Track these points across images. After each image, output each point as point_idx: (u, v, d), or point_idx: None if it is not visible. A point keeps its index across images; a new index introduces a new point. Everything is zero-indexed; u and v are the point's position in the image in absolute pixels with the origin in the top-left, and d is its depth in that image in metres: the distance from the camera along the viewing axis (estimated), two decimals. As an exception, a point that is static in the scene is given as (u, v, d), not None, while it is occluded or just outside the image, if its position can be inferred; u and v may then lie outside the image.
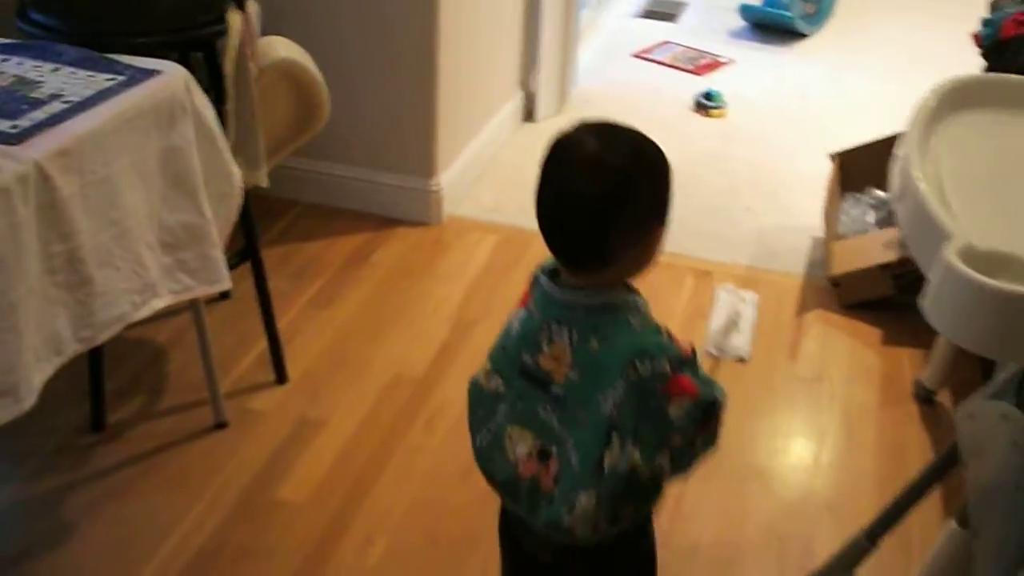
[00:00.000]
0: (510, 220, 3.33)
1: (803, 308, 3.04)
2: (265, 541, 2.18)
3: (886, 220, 3.17)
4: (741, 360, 2.78)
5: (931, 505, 2.26)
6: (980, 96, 1.56)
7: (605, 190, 1.34)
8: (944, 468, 1.90)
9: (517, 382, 1.47)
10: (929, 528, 2.21)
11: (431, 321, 2.88)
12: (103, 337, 1.94)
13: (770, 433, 2.58)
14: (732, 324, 2.90)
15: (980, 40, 2.83)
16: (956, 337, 1.12)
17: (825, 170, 3.44)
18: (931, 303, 1.14)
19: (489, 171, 3.63)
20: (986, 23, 2.81)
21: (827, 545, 2.21)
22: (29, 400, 1.75)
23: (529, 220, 1.46)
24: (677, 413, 1.37)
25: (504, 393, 1.49)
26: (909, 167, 1.27)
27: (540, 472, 1.45)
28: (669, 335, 1.39)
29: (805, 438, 2.58)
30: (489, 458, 1.52)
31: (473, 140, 3.53)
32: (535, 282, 1.46)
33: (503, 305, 2.89)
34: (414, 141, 3.22)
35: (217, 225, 2.16)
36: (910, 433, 2.60)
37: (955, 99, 1.53)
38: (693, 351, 1.40)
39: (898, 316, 2.98)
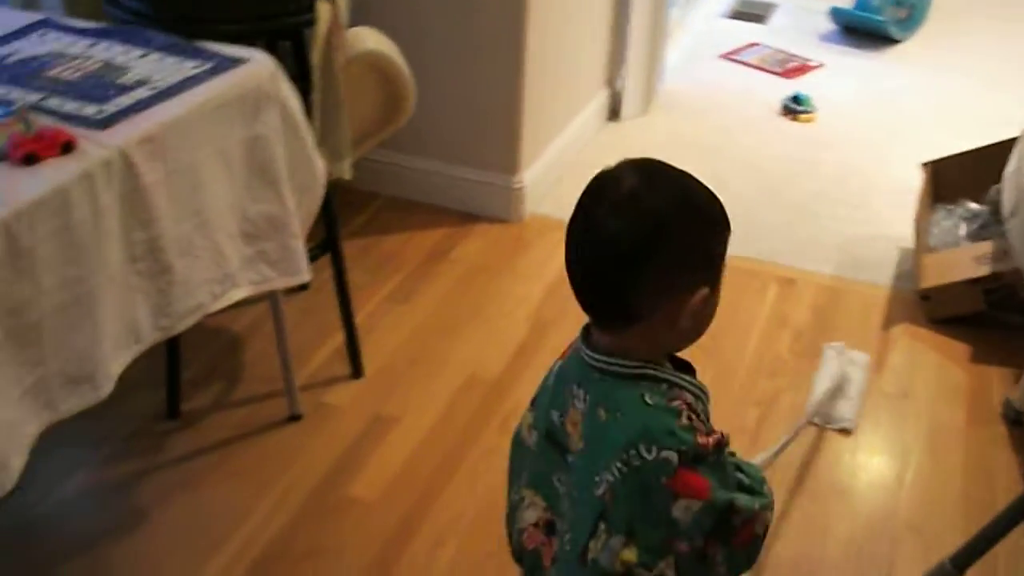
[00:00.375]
0: (592, 220, 3.28)
1: (889, 321, 2.96)
2: (335, 539, 2.16)
3: (978, 233, 3.07)
4: (846, 431, 2.54)
5: (1019, 533, 2.18)
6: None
7: (635, 232, 1.18)
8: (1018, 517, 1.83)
9: (541, 443, 1.33)
10: (1017, 557, 2.14)
11: (508, 320, 2.84)
12: (181, 326, 1.92)
13: (853, 449, 2.50)
14: (839, 390, 2.62)
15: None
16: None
17: (916, 179, 3.35)
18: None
19: (573, 170, 3.58)
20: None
21: (908, 566, 2.16)
22: (106, 388, 1.75)
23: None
24: (682, 515, 1.18)
25: (532, 451, 1.35)
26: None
27: (543, 547, 1.33)
28: (691, 420, 1.19)
29: (889, 456, 2.50)
30: (510, 512, 1.40)
31: (557, 138, 3.48)
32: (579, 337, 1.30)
33: (576, 309, 2.85)
34: (498, 137, 3.19)
35: (299, 216, 2.14)
36: (998, 455, 2.52)
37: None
38: (719, 444, 1.20)
39: (988, 333, 2.90)
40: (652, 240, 1.17)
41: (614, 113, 3.98)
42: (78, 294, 1.64)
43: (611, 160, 1.27)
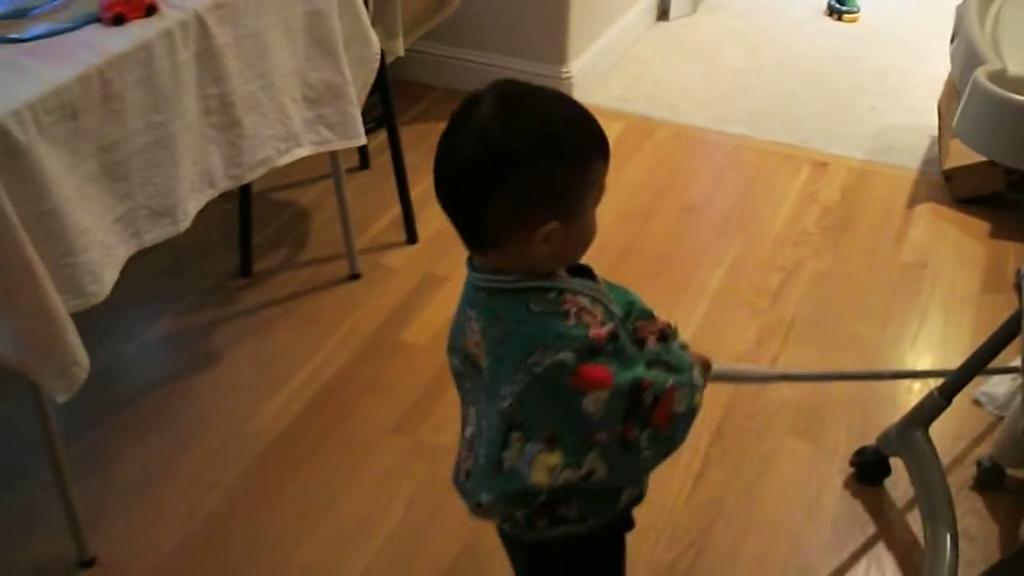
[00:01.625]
0: (637, 109, 3.47)
1: (914, 200, 3.13)
2: (388, 376, 2.42)
3: (1005, 119, 3.22)
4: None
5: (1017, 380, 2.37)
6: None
7: (479, 165, 1.17)
8: (1013, 330, 2.01)
9: (463, 366, 1.32)
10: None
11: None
12: (250, 177, 2.17)
13: (867, 312, 2.69)
14: None
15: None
16: (981, 149, 1.26)
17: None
18: (959, 119, 1.28)
19: (620, 64, 3.77)
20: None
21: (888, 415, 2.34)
22: (184, 223, 2.00)
23: (656, 109, 1.51)
24: (593, 408, 1.20)
25: (462, 372, 1.33)
26: (966, 10, 1.40)
27: (464, 461, 1.34)
28: (581, 317, 1.21)
29: (903, 319, 2.68)
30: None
31: (606, 32, 3.67)
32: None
33: (619, 186, 3.06)
34: (547, 28, 3.39)
35: (356, 86, 2.37)
36: (1008, 317, 2.69)
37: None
38: (612, 333, 1.22)
39: (1008, 212, 3.06)
40: (495, 175, 1.16)
41: (663, 13, 4.14)
42: (160, 137, 1.89)
43: (659, 56, 1.36)
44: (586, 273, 1.29)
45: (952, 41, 1.43)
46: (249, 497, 2.12)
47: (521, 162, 1.15)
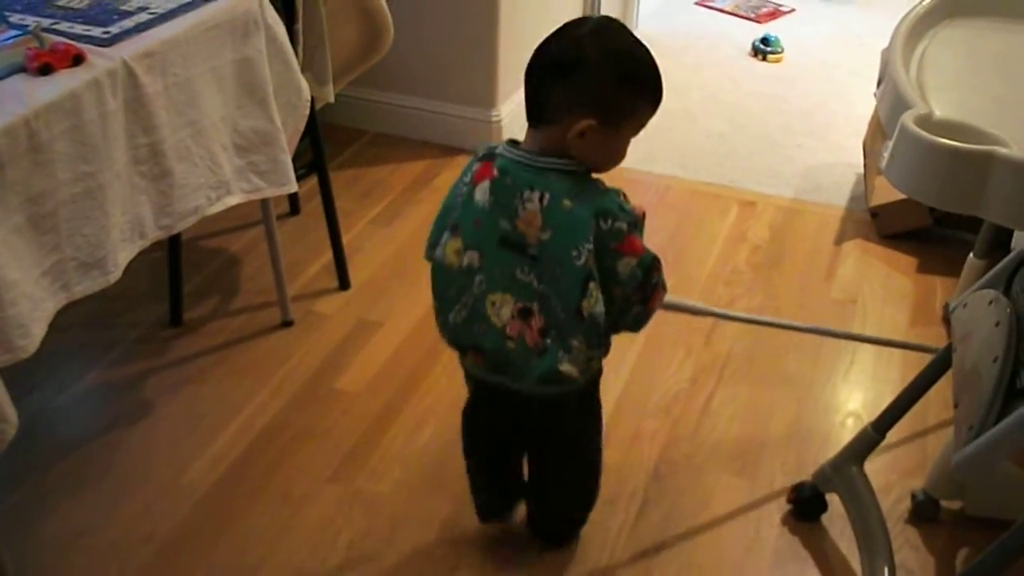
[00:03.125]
0: (566, 152, 3.50)
1: (842, 237, 3.18)
2: (323, 424, 2.39)
3: (927, 156, 3.28)
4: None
5: (948, 412, 2.41)
6: (976, 5, 1.69)
7: (560, 59, 1.57)
8: (945, 363, 2.04)
9: (495, 251, 1.65)
10: (945, 435, 2.36)
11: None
12: (181, 226, 2.15)
13: (800, 348, 2.71)
14: None
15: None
16: (910, 192, 1.28)
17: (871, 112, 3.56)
18: (888, 162, 1.30)
19: (549, 107, 3.80)
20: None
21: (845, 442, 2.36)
22: (115, 274, 1.97)
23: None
24: (624, 270, 1.60)
25: (479, 266, 1.67)
26: (893, 52, 1.42)
27: (524, 330, 1.65)
28: (626, 198, 1.64)
29: (834, 355, 2.71)
30: (468, 331, 1.72)
31: (534, 76, 3.69)
32: (491, 157, 1.67)
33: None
34: (476, 72, 3.40)
35: (286, 133, 2.36)
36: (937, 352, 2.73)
37: (952, 5, 1.66)
38: (643, 214, 1.65)
39: (934, 246, 3.11)
40: (567, 67, 1.55)
41: (591, 56, 4.18)
42: (89, 188, 1.86)
43: None
44: None
45: (879, 85, 1.46)
46: (184, 550, 2.09)
47: (587, 64, 1.55)
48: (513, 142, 1.65)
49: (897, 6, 4.83)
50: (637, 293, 1.64)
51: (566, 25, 1.61)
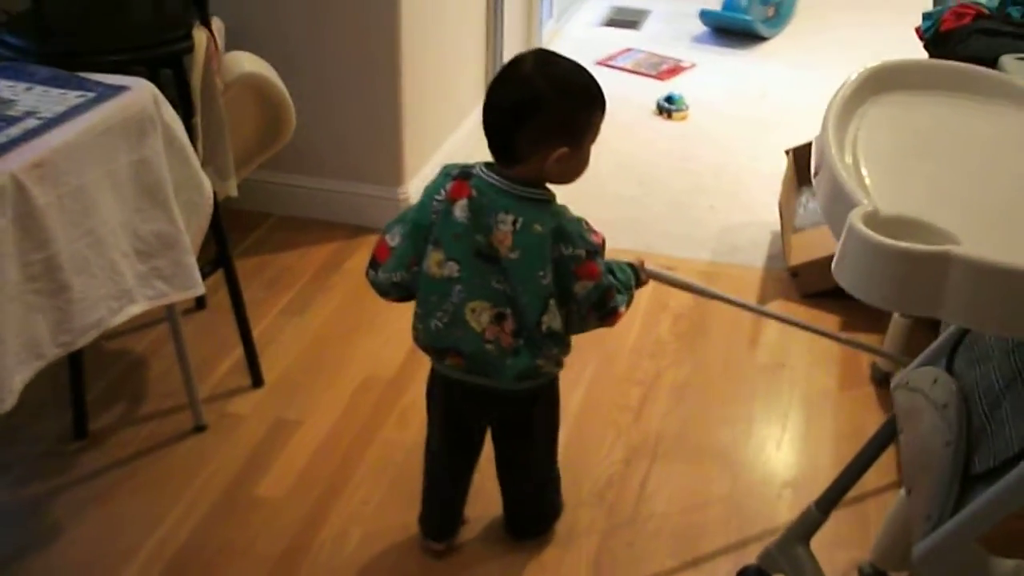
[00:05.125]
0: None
1: (763, 299, 3.14)
2: (245, 536, 2.26)
3: (841, 212, 3.27)
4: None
5: (886, 477, 2.36)
6: (898, 79, 1.66)
7: (516, 102, 1.75)
8: (886, 439, 1.99)
9: (472, 262, 1.83)
10: (885, 501, 2.31)
11: (400, 324, 2.91)
12: (82, 342, 2.02)
13: (731, 419, 2.66)
14: None
15: (921, 33, 2.94)
16: (864, 295, 1.22)
17: (782, 168, 3.55)
18: (838, 264, 1.24)
19: (457, 179, 3.72)
20: (926, 16, 2.92)
21: (785, 518, 2.31)
22: (9, 401, 1.83)
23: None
24: (580, 291, 1.83)
25: (458, 276, 1.85)
26: (826, 141, 1.37)
27: (499, 333, 1.86)
28: (590, 227, 1.84)
29: (766, 423, 2.66)
30: (448, 336, 1.90)
31: (441, 148, 3.62)
32: (467, 176, 1.84)
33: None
34: (381, 150, 3.32)
35: (189, 233, 2.24)
36: (868, 415, 2.70)
37: (875, 83, 1.62)
38: (603, 242, 1.86)
39: (856, 304, 3.01)
40: (531, 111, 1.74)
41: (496, 123, 4.12)
42: (-22, 313, 1.74)
43: None
44: None
45: (815, 173, 1.40)
46: None
47: (547, 102, 1.73)
48: (489, 164, 1.82)
49: (793, 54, 4.88)
50: (593, 313, 1.88)
51: (508, 67, 1.79)
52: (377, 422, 2.59)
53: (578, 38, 5.16)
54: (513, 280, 1.82)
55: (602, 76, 1.93)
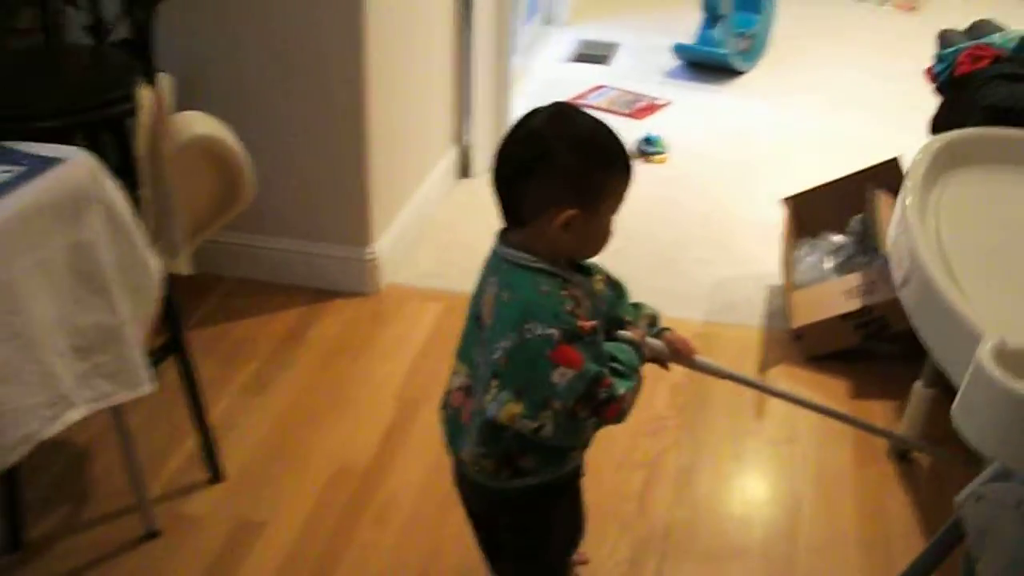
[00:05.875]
0: (452, 286, 3.15)
1: (766, 363, 2.90)
2: (206, 667, 1.98)
3: (844, 265, 3.04)
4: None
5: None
6: (972, 154, 1.42)
7: (522, 155, 1.55)
8: (944, 551, 1.75)
9: (470, 324, 1.68)
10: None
11: (373, 403, 2.69)
12: (11, 460, 1.74)
13: (745, 505, 2.43)
14: None
15: (934, 76, 2.72)
16: (994, 452, 0.97)
17: (774, 213, 3.33)
18: (961, 409, 0.99)
19: (427, 233, 3.46)
20: (940, 58, 2.70)
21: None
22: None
23: (473, 284, 1.62)
24: (559, 380, 1.52)
25: (467, 332, 1.70)
26: (916, 248, 1.12)
27: (462, 407, 1.68)
28: (575, 308, 1.55)
29: (782, 508, 2.42)
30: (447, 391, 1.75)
31: (408, 203, 3.36)
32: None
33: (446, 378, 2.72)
34: (346, 208, 3.05)
35: (136, 322, 1.97)
36: (888, 495, 2.47)
37: (946, 158, 1.38)
38: (594, 329, 1.55)
39: (865, 367, 2.86)
40: (531, 162, 1.53)
41: (464, 170, 3.87)
42: None
43: (467, 220, 1.34)
44: (584, 270, 1.66)
45: (900, 285, 1.15)
46: None
47: (551, 155, 1.53)
48: (505, 231, 1.64)
49: (770, 87, 4.69)
50: (583, 408, 1.55)
51: (521, 121, 1.60)
52: (352, 521, 2.31)
53: (546, 76, 4.92)
54: (485, 351, 1.61)
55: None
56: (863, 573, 2.26)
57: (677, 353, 1.77)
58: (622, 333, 1.69)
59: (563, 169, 1.53)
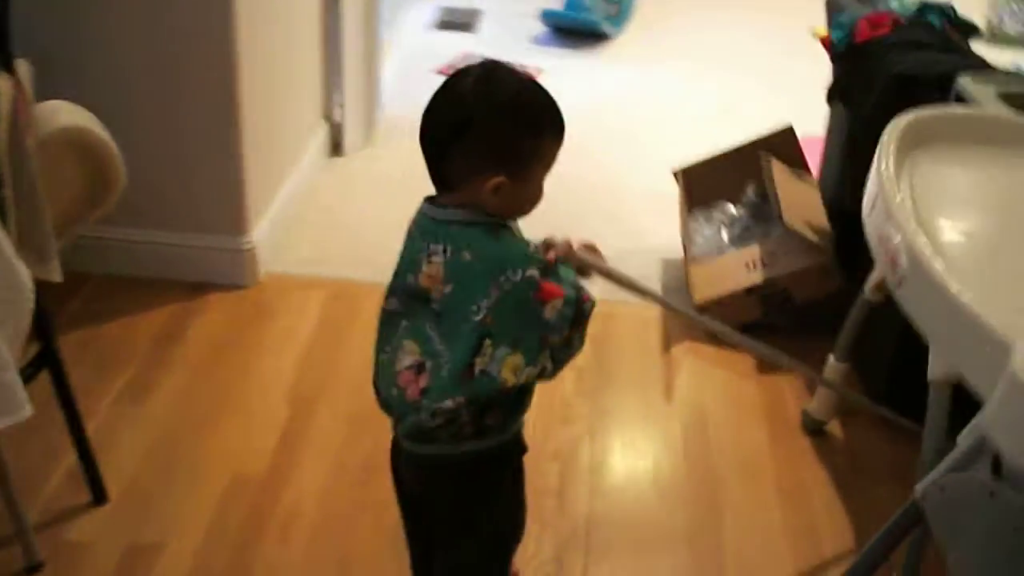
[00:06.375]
0: (336, 272, 2.99)
1: (668, 343, 2.82)
2: None
3: (741, 237, 2.98)
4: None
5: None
6: (934, 133, 1.34)
7: (449, 120, 1.50)
8: (896, 540, 1.68)
9: (409, 302, 1.58)
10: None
11: (265, 404, 2.51)
12: None
13: (664, 491, 2.34)
14: None
15: (830, 43, 2.65)
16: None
17: (661, 182, 3.26)
18: (999, 426, 0.90)
19: (304, 217, 3.28)
20: (837, 26, 2.63)
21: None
22: None
23: (357, 269, 1.65)
24: (552, 315, 1.50)
25: (403, 311, 1.60)
26: (915, 250, 1.03)
27: (410, 383, 1.57)
28: (537, 247, 1.54)
29: (703, 492, 2.34)
30: (382, 373, 1.63)
31: (283, 185, 3.17)
32: (417, 211, 1.59)
33: (346, 374, 2.57)
34: (220, 195, 2.84)
35: (5, 340, 1.76)
36: (808, 471, 2.42)
37: (912, 139, 1.29)
38: (556, 260, 1.54)
39: (769, 339, 2.77)
40: (458, 128, 1.48)
41: (336, 148, 3.69)
42: None
43: (344, 201, 1.21)
44: None
45: (897, 285, 1.05)
46: None
47: (478, 122, 1.47)
48: (431, 197, 1.58)
49: (641, 52, 4.62)
50: (575, 329, 1.55)
51: (448, 82, 1.52)
52: (255, 536, 2.14)
53: (411, 44, 4.74)
54: (448, 321, 1.53)
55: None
56: (791, 554, 2.20)
57: (594, 252, 1.68)
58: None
59: (490, 138, 1.49)
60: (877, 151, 1.25)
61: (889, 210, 1.12)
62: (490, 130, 1.48)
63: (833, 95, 2.70)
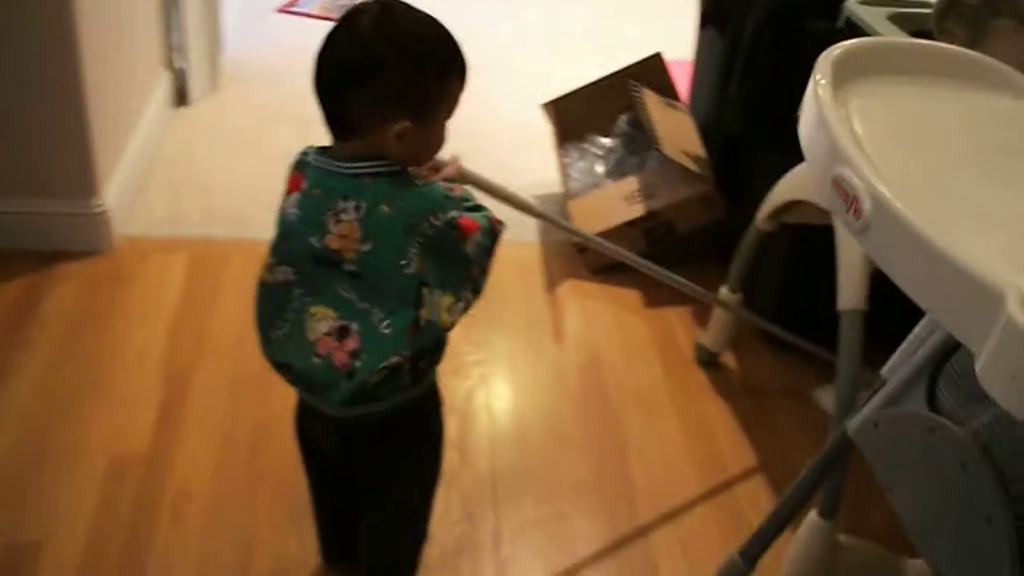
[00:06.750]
0: (195, 231, 2.82)
1: (552, 281, 2.76)
2: None
3: (616, 169, 2.92)
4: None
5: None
6: (865, 65, 1.29)
7: (351, 62, 1.41)
8: (823, 474, 1.66)
9: (310, 267, 1.48)
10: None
11: (137, 378, 2.35)
12: None
13: (566, 435, 2.29)
14: None
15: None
16: None
17: (525, 116, 3.19)
18: (995, 375, 0.86)
19: (155, 174, 3.10)
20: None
21: (671, 555, 1.97)
22: None
23: (218, 226, 1.56)
24: (472, 249, 1.48)
25: (296, 280, 1.51)
26: (877, 195, 0.97)
27: (334, 350, 1.48)
28: (446, 185, 1.50)
29: (605, 433, 2.30)
30: (286, 347, 1.54)
31: (130, 141, 2.98)
32: (304, 165, 1.49)
33: (221, 338, 2.43)
34: (65, 156, 2.63)
35: None
36: (707, 404, 2.40)
37: (843, 73, 1.24)
38: (463, 192, 1.53)
39: (650, 279, 2.76)
40: (362, 72, 1.39)
41: (181, 98, 3.50)
42: None
43: (197, 154, 1.10)
44: None
45: (861, 231, 1.00)
46: None
47: (384, 65, 1.39)
48: (322, 149, 1.48)
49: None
50: (491, 256, 1.54)
51: (344, 21, 1.43)
52: (145, 522, 2.00)
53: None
54: (369, 280, 1.45)
55: (285, 25, 1.54)
56: (700, 484, 2.19)
57: (459, 164, 1.70)
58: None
59: (396, 80, 1.40)
60: (811, 90, 1.19)
61: (843, 153, 1.06)
62: (395, 72, 1.40)
63: (707, 20, 2.65)
